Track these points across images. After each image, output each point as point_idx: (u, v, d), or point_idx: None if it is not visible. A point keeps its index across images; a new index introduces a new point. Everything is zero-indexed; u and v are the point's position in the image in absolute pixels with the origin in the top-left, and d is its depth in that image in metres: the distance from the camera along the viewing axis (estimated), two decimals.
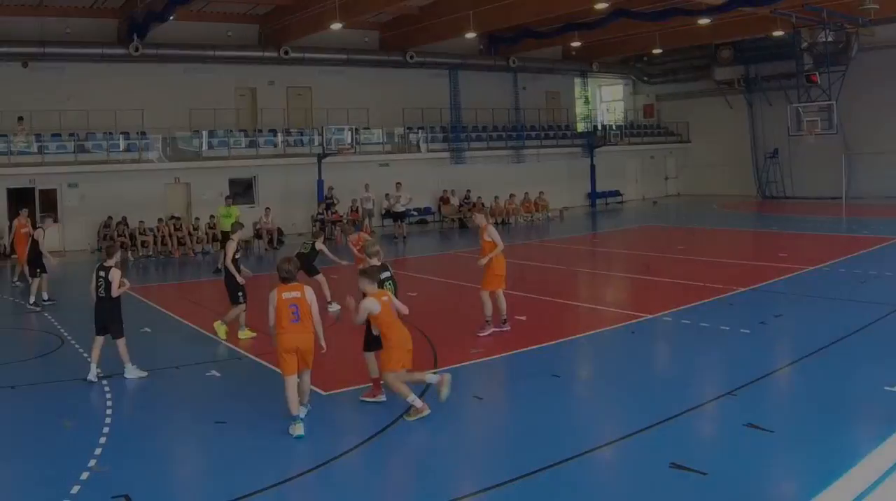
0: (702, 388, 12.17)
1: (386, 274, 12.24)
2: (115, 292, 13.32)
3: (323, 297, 18.11)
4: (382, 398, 11.60)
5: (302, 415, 10.55)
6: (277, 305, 10.68)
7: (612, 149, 49.31)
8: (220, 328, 16.46)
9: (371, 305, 10.97)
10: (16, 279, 24.52)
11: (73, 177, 33.73)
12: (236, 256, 16.81)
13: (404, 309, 11.53)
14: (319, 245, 19.42)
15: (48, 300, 21.34)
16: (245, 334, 16.36)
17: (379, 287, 11.49)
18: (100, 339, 13.41)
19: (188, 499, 9.07)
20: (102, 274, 13.33)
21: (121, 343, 13.46)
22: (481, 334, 15.58)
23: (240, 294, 16.52)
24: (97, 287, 13.36)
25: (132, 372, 13.46)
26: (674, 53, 50.60)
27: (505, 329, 15.80)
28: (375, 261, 12.70)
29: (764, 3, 34.02)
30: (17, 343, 17.47)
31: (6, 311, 20.76)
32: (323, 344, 10.92)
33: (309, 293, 10.86)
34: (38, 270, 21.35)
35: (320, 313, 11.10)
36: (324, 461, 9.48)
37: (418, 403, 10.81)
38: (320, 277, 19.02)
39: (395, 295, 11.82)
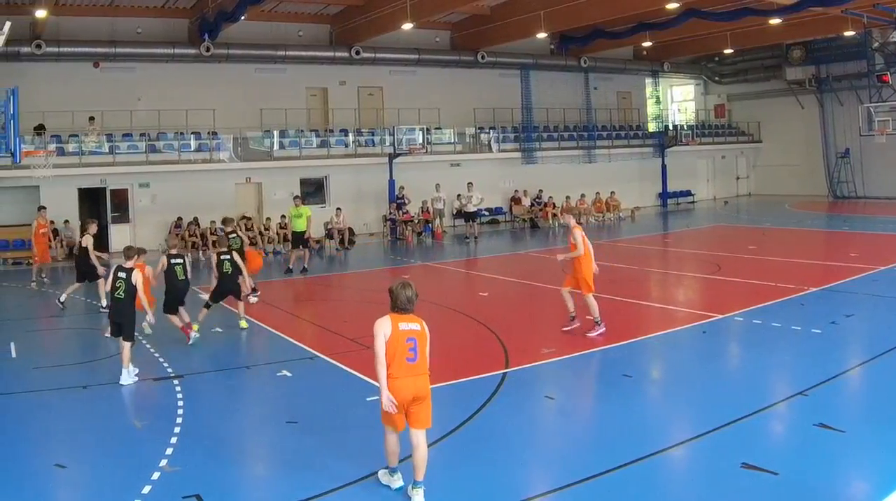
0: (773, 388, 11.85)
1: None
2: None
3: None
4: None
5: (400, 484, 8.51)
6: (391, 338, 8.04)
7: (683, 150, 47.03)
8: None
9: None
10: (33, 280, 23.10)
11: (145, 176, 32.44)
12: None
13: None
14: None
15: (106, 307, 19.39)
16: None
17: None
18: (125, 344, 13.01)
19: (259, 499, 8.70)
20: (122, 275, 12.82)
21: (127, 346, 12.85)
22: (592, 334, 14.94)
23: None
24: (114, 288, 12.85)
25: (127, 378, 12.74)
26: (745, 53, 48.49)
27: (574, 326, 15.28)
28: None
29: (835, 3, 32.07)
30: (89, 343, 16.54)
31: (77, 312, 19.37)
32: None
33: (426, 326, 8.34)
34: (87, 279, 19.42)
35: None
36: None
37: None
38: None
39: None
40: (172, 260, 15.38)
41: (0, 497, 8.52)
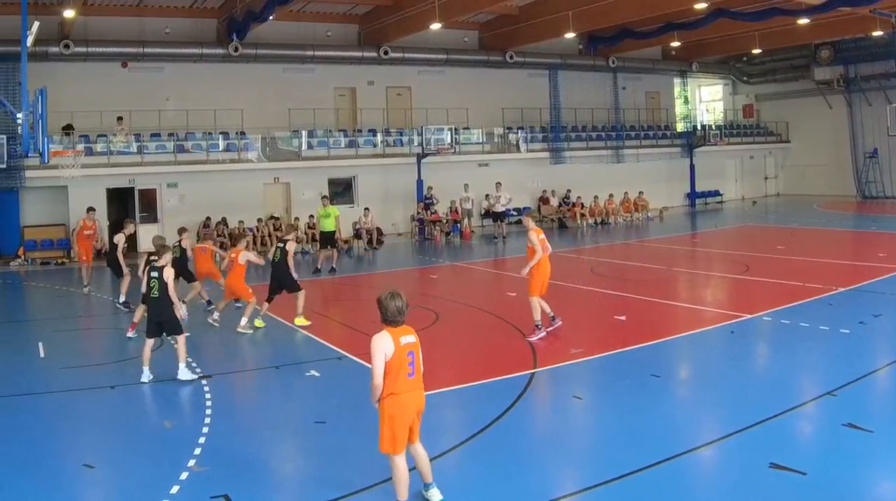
0: (801, 388, 11.59)
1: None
2: (171, 292, 12.44)
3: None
4: None
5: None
6: (394, 355, 7.37)
7: (711, 150, 45.75)
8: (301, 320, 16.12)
9: None
10: (86, 285, 22.26)
11: (173, 176, 31.69)
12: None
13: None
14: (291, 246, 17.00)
15: (123, 304, 18.70)
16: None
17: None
18: (151, 341, 12.65)
19: (287, 500, 8.46)
20: (155, 274, 12.41)
21: (181, 340, 12.63)
22: (532, 338, 14.50)
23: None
24: (150, 288, 12.43)
25: (186, 374, 12.54)
26: (773, 53, 47.18)
27: (558, 324, 14.91)
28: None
29: (863, 3, 30.96)
30: (115, 343, 16.09)
31: (105, 312, 18.97)
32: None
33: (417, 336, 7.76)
34: (117, 275, 19.04)
35: None
36: None
37: None
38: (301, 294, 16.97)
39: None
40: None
41: (29, 498, 8.37)
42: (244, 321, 16.02)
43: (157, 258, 12.77)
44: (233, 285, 16.35)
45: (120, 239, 19.08)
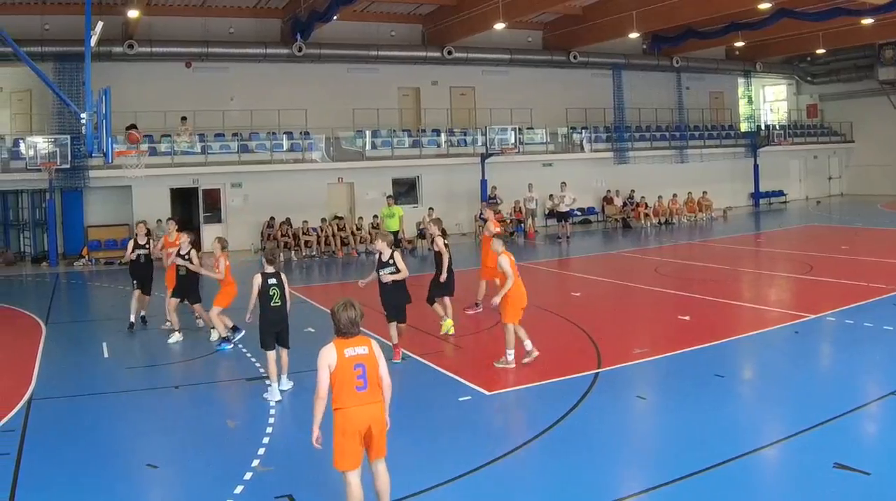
0: (865, 388, 11.04)
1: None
2: (288, 298, 11.51)
3: None
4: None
5: None
6: (337, 367, 6.83)
7: (775, 150, 43.08)
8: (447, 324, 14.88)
9: None
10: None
11: (237, 176, 30.16)
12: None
13: None
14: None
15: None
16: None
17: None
18: (273, 354, 11.25)
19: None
20: (274, 281, 11.31)
21: (284, 353, 11.52)
22: (498, 364, 12.52)
23: None
24: (270, 296, 11.23)
25: (287, 384, 11.51)
26: (837, 53, 44.77)
27: (534, 355, 12.58)
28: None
29: None
30: (180, 343, 15.09)
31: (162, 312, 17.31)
32: (387, 418, 7.12)
33: (376, 347, 7.07)
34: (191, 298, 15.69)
35: None
36: (486, 461, 8.54)
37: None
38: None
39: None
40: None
41: (93, 497, 8.04)
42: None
43: (268, 265, 11.53)
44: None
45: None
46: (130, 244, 16.63)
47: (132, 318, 16.14)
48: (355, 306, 6.99)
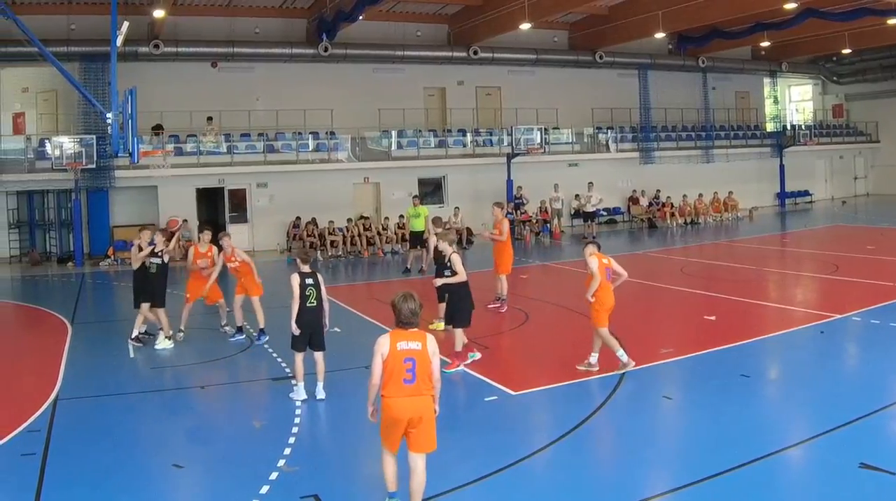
0: (891, 388, 10.81)
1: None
2: (325, 298, 11.07)
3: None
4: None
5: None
6: (389, 357, 6.94)
7: (801, 150, 42.05)
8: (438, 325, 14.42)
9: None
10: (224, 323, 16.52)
11: (262, 176, 29.58)
12: None
13: None
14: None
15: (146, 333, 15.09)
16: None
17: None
18: (301, 356, 10.88)
19: (377, 499, 7.46)
20: (311, 281, 10.83)
21: (320, 356, 11.02)
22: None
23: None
24: (306, 296, 10.74)
25: (322, 393, 10.95)
26: (863, 53, 43.54)
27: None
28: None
29: None
30: (204, 343, 15.01)
31: (193, 311, 16.68)
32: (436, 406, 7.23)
33: (431, 344, 7.10)
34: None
35: None
36: (514, 460, 8.46)
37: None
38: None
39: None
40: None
41: (119, 497, 7.95)
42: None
43: (303, 264, 11.14)
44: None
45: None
46: (135, 250, 14.71)
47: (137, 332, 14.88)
48: (415, 297, 7.08)
